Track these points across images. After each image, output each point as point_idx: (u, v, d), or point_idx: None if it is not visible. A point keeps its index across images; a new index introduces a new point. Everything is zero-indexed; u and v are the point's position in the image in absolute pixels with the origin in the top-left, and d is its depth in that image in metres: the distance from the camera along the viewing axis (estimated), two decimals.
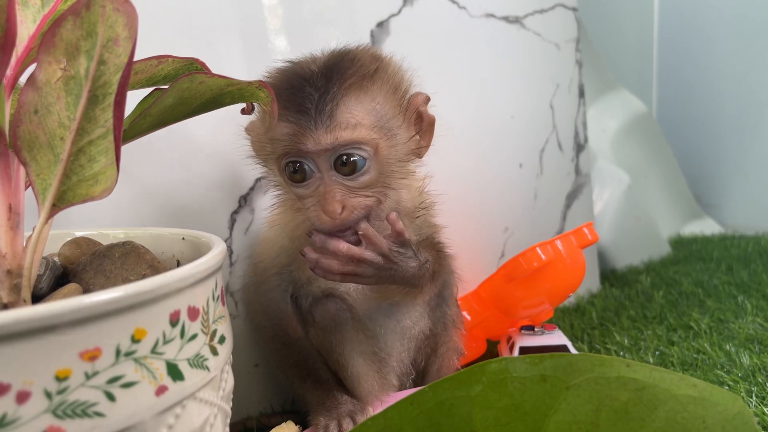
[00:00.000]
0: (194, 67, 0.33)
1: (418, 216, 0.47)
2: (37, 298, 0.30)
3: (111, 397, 0.22)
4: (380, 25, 0.60)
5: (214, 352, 0.28)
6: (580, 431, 0.26)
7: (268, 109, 0.35)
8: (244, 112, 0.41)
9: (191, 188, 0.51)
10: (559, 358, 0.26)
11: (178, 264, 0.36)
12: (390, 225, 0.41)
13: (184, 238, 0.36)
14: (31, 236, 0.27)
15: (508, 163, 0.73)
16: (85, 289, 0.30)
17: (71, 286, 0.29)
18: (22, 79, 0.27)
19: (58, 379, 0.21)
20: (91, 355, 0.22)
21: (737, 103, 1.37)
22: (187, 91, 0.30)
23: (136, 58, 0.27)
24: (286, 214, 0.46)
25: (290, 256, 0.46)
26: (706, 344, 0.62)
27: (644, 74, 1.55)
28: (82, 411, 0.21)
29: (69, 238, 0.36)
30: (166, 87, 0.29)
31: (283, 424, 0.44)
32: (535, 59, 0.75)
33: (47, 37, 0.25)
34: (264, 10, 0.54)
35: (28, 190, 0.28)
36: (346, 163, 0.40)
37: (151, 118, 0.31)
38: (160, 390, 0.24)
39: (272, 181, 0.46)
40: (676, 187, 1.38)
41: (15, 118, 0.25)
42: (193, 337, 0.27)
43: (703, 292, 0.84)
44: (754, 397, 0.49)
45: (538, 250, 0.54)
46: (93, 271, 0.31)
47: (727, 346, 0.61)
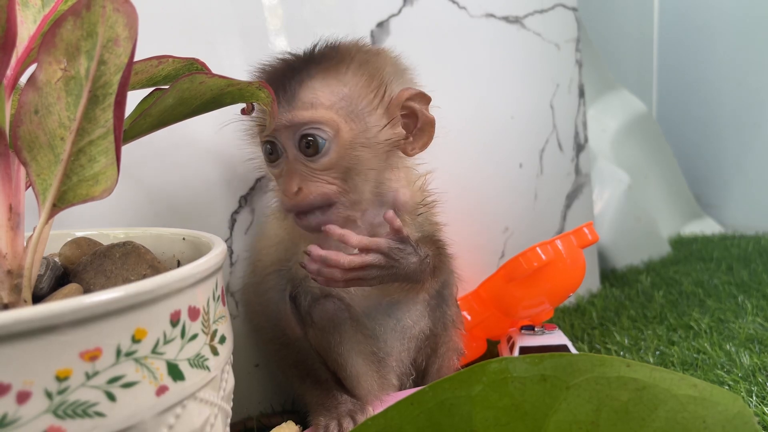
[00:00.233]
0: (194, 68, 0.33)
1: (420, 213, 0.47)
2: (38, 299, 0.30)
3: (111, 397, 0.22)
4: (380, 25, 0.60)
5: (215, 352, 0.28)
6: (581, 431, 0.26)
7: (269, 110, 0.35)
8: (244, 112, 0.41)
9: (192, 188, 0.51)
10: (559, 358, 0.26)
11: (179, 264, 0.36)
12: (387, 223, 0.41)
13: (184, 238, 0.36)
14: (31, 236, 0.27)
15: (508, 163, 0.73)
16: (86, 289, 0.30)
17: (72, 286, 0.29)
18: (23, 80, 0.27)
19: (59, 379, 0.21)
20: (92, 355, 0.22)
21: (737, 103, 1.37)
22: (188, 91, 0.30)
23: (137, 58, 0.27)
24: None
25: (288, 250, 0.46)
26: (706, 344, 0.62)
27: (644, 74, 1.55)
28: (83, 411, 0.21)
29: (69, 239, 0.36)
30: (167, 87, 0.29)
31: (284, 424, 0.44)
32: (535, 59, 0.75)
33: (47, 37, 0.25)
34: (264, 11, 0.54)
35: (28, 191, 0.28)
36: (310, 144, 0.41)
37: (152, 119, 0.31)
38: (161, 390, 0.24)
39: (265, 172, 0.47)
40: (676, 187, 1.38)
41: (15, 119, 0.25)
42: (194, 337, 0.27)
43: (704, 292, 0.84)
44: (755, 397, 0.49)
45: (538, 250, 0.54)
46: (93, 272, 0.31)
47: (728, 346, 0.61)
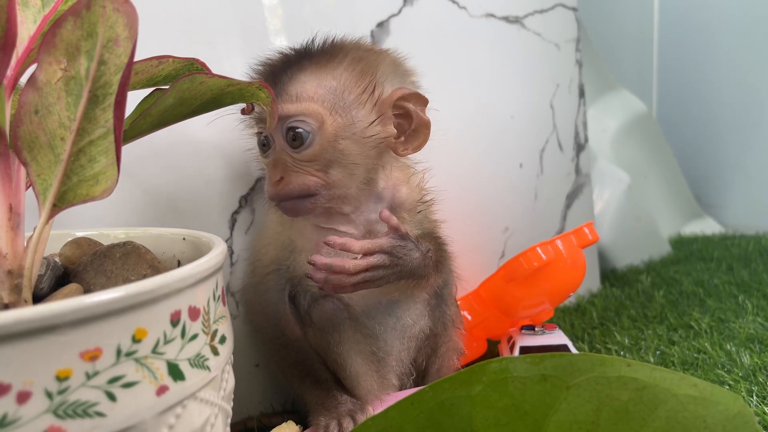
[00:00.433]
0: (195, 68, 0.33)
1: (419, 211, 0.47)
2: (38, 299, 0.30)
3: (112, 397, 0.22)
4: (380, 25, 0.60)
5: (215, 352, 0.28)
6: (581, 431, 0.26)
7: (268, 109, 0.35)
8: (244, 112, 0.41)
9: (192, 188, 0.51)
10: (559, 357, 0.26)
11: (179, 264, 0.36)
12: (384, 222, 0.41)
13: (184, 238, 0.36)
14: (31, 236, 0.27)
15: (508, 162, 0.73)
16: (86, 290, 0.30)
17: (72, 286, 0.29)
18: (23, 80, 0.27)
19: (59, 379, 0.21)
20: (92, 355, 0.22)
21: (737, 103, 1.37)
22: (188, 91, 0.30)
23: (137, 58, 0.27)
24: None
25: (286, 248, 0.46)
26: (706, 344, 0.62)
27: (644, 74, 1.55)
28: (83, 411, 0.21)
29: (70, 239, 0.36)
30: (167, 87, 0.29)
31: (284, 424, 0.44)
32: (535, 59, 0.75)
33: (48, 37, 0.25)
34: (264, 10, 0.54)
35: (28, 191, 0.28)
36: (296, 137, 0.42)
37: (152, 119, 0.31)
38: (161, 390, 0.24)
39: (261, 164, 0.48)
40: (677, 187, 1.38)
41: (15, 119, 0.25)
42: (194, 337, 0.27)
43: (704, 292, 0.84)
44: (755, 397, 0.49)
45: (538, 249, 0.54)
46: (94, 272, 0.31)
47: (728, 346, 0.61)
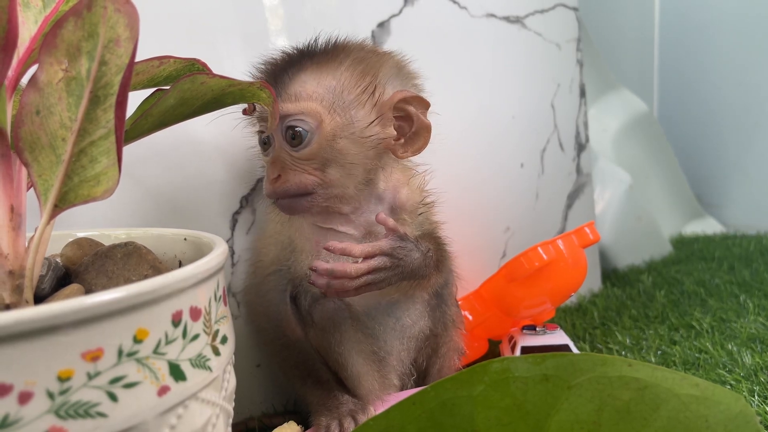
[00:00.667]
0: (196, 68, 0.33)
1: (420, 213, 0.47)
2: (40, 299, 0.30)
3: (113, 398, 0.22)
4: (381, 25, 0.60)
5: (216, 353, 0.28)
6: (582, 431, 0.26)
7: (270, 110, 0.35)
8: (245, 112, 0.41)
9: (193, 189, 0.51)
10: (560, 357, 0.26)
11: (180, 264, 0.36)
12: (382, 224, 0.42)
13: (185, 239, 0.36)
14: (33, 237, 0.27)
15: (509, 162, 0.73)
16: (88, 290, 0.30)
17: (73, 287, 0.29)
18: (24, 81, 0.27)
19: (61, 380, 0.21)
20: (93, 356, 0.22)
21: (738, 103, 1.36)
22: (189, 91, 0.30)
23: (138, 58, 0.27)
24: None
25: (287, 248, 0.46)
26: (708, 343, 0.62)
27: (645, 74, 1.55)
28: (85, 411, 0.21)
29: (71, 239, 0.36)
30: (168, 88, 0.29)
31: (285, 425, 0.44)
32: (536, 59, 0.75)
33: (49, 38, 0.25)
34: (265, 11, 0.54)
35: (29, 191, 0.28)
36: (295, 136, 0.42)
37: (153, 119, 0.31)
38: (163, 390, 0.24)
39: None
40: (678, 187, 1.38)
41: (17, 119, 0.25)
42: (195, 337, 0.27)
43: (705, 292, 0.84)
44: (756, 397, 0.49)
45: (539, 249, 0.54)
46: (95, 272, 0.31)
47: (729, 346, 0.61)
